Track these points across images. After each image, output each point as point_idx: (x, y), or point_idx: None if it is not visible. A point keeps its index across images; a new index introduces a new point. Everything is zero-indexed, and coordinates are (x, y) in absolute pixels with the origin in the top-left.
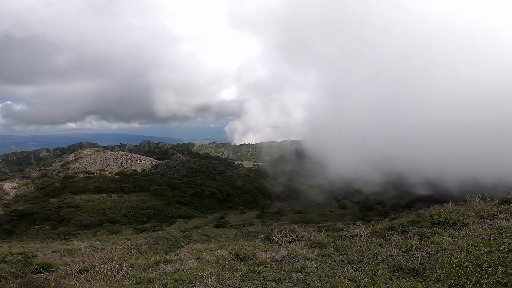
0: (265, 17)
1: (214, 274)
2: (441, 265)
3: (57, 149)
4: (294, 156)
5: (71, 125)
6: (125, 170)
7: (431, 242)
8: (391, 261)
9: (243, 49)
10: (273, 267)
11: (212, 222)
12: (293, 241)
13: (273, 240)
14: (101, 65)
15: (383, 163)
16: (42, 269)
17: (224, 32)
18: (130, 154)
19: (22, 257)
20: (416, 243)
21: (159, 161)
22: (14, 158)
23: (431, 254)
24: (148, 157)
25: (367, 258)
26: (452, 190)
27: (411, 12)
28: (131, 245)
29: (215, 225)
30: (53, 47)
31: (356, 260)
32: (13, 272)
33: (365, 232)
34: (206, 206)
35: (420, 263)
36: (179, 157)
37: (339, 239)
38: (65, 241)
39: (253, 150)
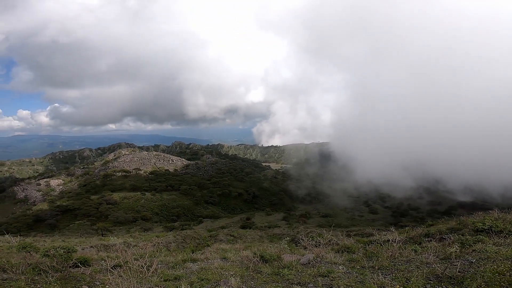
0: (291, 18)
1: (239, 274)
2: (482, 274)
3: (98, 148)
4: (321, 159)
5: (111, 126)
6: (158, 170)
7: (473, 250)
8: (426, 268)
9: (270, 51)
10: (298, 270)
11: (238, 223)
12: (320, 245)
13: (299, 243)
14: (137, 69)
15: (415, 167)
16: (80, 264)
17: (251, 34)
18: (163, 154)
19: (64, 252)
20: (456, 251)
21: (189, 162)
22: (61, 157)
23: (472, 262)
24: (179, 158)
25: (399, 265)
26: (496, 197)
27: (441, 9)
28: (161, 242)
29: (241, 226)
30: (95, 52)
31: (387, 267)
32: (53, 266)
33: (398, 238)
34: (233, 207)
35: (459, 271)
36: (208, 158)
37: (369, 245)
38: (102, 236)
39: (281, 152)
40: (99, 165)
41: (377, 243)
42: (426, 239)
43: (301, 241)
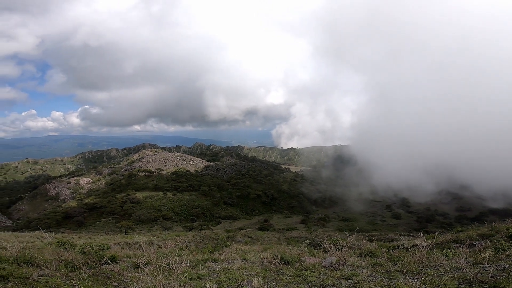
0: (310, 20)
1: (260, 275)
2: None
3: (124, 149)
4: (341, 162)
5: (136, 127)
6: (179, 170)
7: (507, 256)
8: (456, 273)
9: (290, 53)
10: (320, 273)
11: (256, 225)
12: (342, 248)
13: (318, 246)
14: (161, 72)
15: (438, 172)
16: (110, 261)
17: (271, 37)
18: (185, 155)
19: (98, 249)
20: (488, 256)
21: (209, 163)
22: (90, 156)
23: (505, 268)
24: (200, 159)
25: (427, 270)
26: None
27: (460, 9)
28: (184, 242)
29: (258, 228)
30: (123, 55)
31: (414, 271)
32: (87, 263)
33: (426, 243)
34: (251, 208)
35: (491, 276)
36: (228, 160)
37: (393, 249)
38: (125, 234)
39: (300, 154)
40: (124, 165)
41: (402, 248)
42: (455, 245)
43: (323, 244)
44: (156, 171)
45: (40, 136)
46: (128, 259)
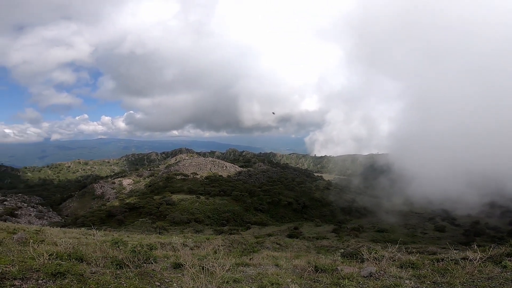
0: (343, 24)
1: (296, 282)
2: None
3: (163, 153)
4: (378, 171)
5: (174, 132)
6: (213, 175)
7: None
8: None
9: (324, 58)
10: (359, 282)
11: (285, 232)
12: (382, 258)
13: (352, 257)
14: (198, 79)
15: (484, 182)
16: (153, 261)
17: (305, 42)
18: (218, 160)
19: (147, 249)
20: None
21: (242, 169)
22: (133, 159)
23: None
24: (232, 164)
25: (478, 282)
26: None
27: (505, 8)
28: (220, 245)
29: (288, 235)
30: (163, 62)
31: (465, 283)
32: (134, 262)
33: (480, 256)
34: (282, 215)
35: None
36: (260, 166)
37: (437, 262)
38: (160, 234)
39: (335, 162)
40: (162, 168)
41: (450, 260)
42: (508, 258)
43: (360, 253)
44: (191, 175)
45: (91, 139)
46: (166, 259)
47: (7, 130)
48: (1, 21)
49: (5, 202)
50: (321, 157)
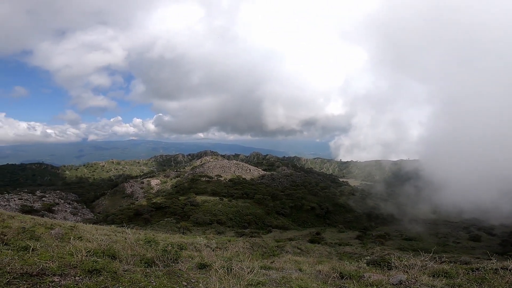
0: (370, 26)
1: None
2: None
3: (189, 154)
4: (406, 177)
5: (200, 135)
6: (236, 178)
7: None
8: None
9: (350, 61)
10: None
11: (307, 237)
12: (412, 266)
13: (379, 264)
14: (222, 82)
15: None
16: (181, 261)
17: (330, 45)
18: (242, 163)
19: (178, 248)
20: None
21: (265, 172)
22: (161, 160)
23: None
24: (256, 168)
25: None
26: None
27: None
28: (244, 247)
29: (309, 240)
30: (190, 66)
31: None
32: (164, 261)
33: None
34: (304, 220)
35: None
36: (284, 170)
37: (473, 271)
38: (183, 234)
39: (361, 168)
40: (188, 170)
41: (487, 270)
42: None
43: (388, 261)
44: (215, 177)
45: (123, 140)
46: (190, 259)
47: (49, 130)
48: (46, 26)
49: (43, 198)
50: (347, 162)
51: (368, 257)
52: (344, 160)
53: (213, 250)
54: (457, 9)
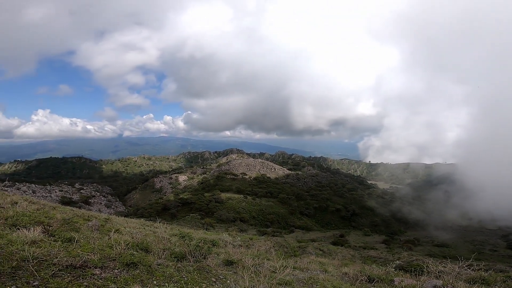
0: (404, 25)
1: None
2: None
3: (215, 152)
4: (439, 181)
5: (227, 133)
6: (261, 176)
7: None
8: None
9: (382, 60)
10: None
11: (330, 238)
12: (451, 272)
13: (407, 270)
14: (250, 81)
15: None
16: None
17: (361, 44)
18: (267, 162)
19: (211, 245)
20: None
21: (290, 172)
22: (189, 157)
23: None
24: (281, 167)
25: None
26: None
27: None
28: (271, 246)
29: (332, 242)
30: (218, 66)
31: None
32: (194, 256)
33: None
34: (328, 222)
35: None
36: (309, 170)
37: (511, 279)
38: (206, 231)
39: (391, 170)
40: (214, 167)
41: None
42: None
43: (420, 266)
44: (240, 175)
45: (155, 136)
46: (216, 255)
47: (88, 126)
48: (87, 27)
49: (81, 190)
50: (376, 164)
51: (398, 262)
52: (373, 161)
53: (234, 247)
54: (496, 8)
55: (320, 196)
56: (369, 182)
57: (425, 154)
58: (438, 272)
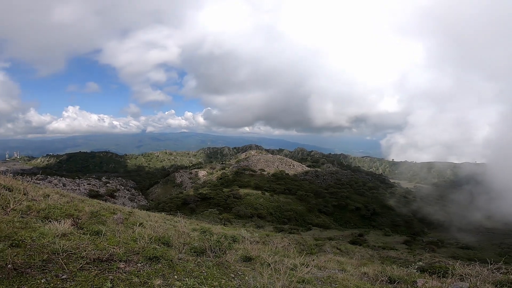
0: (430, 20)
1: None
2: None
3: (234, 148)
4: (467, 181)
5: (246, 129)
6: (279, 173)
7: None
8: None
9: (406, 56)
10: None
11: (348, 237)
12: (477, 275)
13: (430, 272)
14: (269, 78)
15: None
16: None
17: (382, 39)
18: (286, 158)
19: (231, 240)
20: None
21: (309, 169)
22: (208, 152)
23: None
24: (300, 163)
25: None
26: None
27: None
28: (291, 243)
29: (350, 241)
30: (237, 62)
31: None
32: (214, 251)
33: None
34: (347, 220)
35: None
36: (329, 167)
37: None
38: (224, 226)
39: (417, 169)
40: (233, 162)
41: None
42: None
43: (453, 269)
44: (259, 171)
45: (176, 132)
46: (234, 251)
47: (115, 122)
48: (112, 26)
49: (108, 184)
50: (400, 162)
51: (421, 263)
52: (396, 160)
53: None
54: None
55: (339, 194)
56: (391, 180)
57: (452, 153)
58: (465, 275)
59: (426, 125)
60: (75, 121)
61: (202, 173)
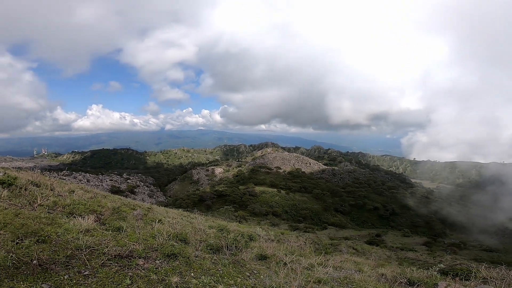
0: (453, 15)
1: None
2: None
3: (250, 145)
4: (495, 182)
5: (262, 126)
6: (295, 171)
7: None
8: None
9: (428, 53)
10: None
11: (365, 237)
12: (503, 278)
13: (451, 275)
14: (285, 75)
15: None
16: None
17: (403, 35)
18: (302, 156)
19: (248, 238)
20: None
21: (326, 167)
22: (225, 149)
23: None
24: (316, 162)
25: None
26: None
27: None
28: (306, 242)
29: (367, 241)
30: (253, 60)
31: None
32: (230, 249)
33: None
34: (364, 220)
35: None
36: (346, 166)
37: None
38: (239, 223)
39: (439, 168)
40: (249, 160)
41: None
42: None
43: (477, 271)
44: (275, 168)
45: (193, 129)
46: (250, 249)
47: (135, 120)
48: (132, 25)
49: (128, 180)
50: (422, 161)
51: (441, 265)
52: (418, 159)
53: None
54: None
55: (357, 193)
56: (412, 180)
57: (477, 152)
58: (489, 278)
59: (450, 123)
60: (99, 119)
61: (218, 170)
